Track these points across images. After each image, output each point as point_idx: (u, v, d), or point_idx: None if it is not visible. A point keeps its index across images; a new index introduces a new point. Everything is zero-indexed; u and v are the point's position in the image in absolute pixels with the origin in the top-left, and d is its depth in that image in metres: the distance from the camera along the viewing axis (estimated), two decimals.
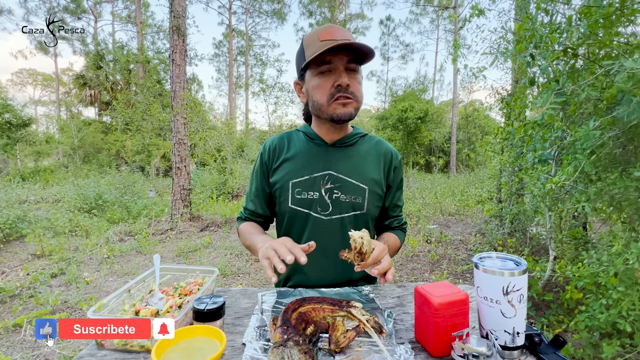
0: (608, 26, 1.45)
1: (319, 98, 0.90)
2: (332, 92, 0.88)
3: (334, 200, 0.96)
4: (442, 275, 3.62)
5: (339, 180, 0.96)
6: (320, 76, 0.89)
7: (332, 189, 0.96)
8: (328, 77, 0.88)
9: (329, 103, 0.89)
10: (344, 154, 0.99)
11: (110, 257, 4.35)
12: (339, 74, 0.87)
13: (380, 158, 1.02)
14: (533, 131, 2.00)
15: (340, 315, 0.67)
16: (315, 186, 0.96)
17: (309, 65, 0.90)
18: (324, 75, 0.89)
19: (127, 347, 0.64)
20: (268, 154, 1.03)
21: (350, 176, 0.96)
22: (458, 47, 2.63)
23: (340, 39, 0.85)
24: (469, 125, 18.37)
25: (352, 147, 1.00)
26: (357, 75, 0.91)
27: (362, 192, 0.96)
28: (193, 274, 0.90)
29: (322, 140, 1.00)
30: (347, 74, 0.88)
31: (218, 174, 9.21)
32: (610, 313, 1.59)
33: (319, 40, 0.86)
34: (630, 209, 1.77)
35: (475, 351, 0.54)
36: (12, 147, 13.28)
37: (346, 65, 0.88)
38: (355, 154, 1.00)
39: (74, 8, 18.71)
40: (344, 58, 0.87)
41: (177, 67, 5.97)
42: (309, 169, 0.97)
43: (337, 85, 0.87)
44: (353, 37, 0.91)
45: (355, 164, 0.98)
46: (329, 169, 0.96)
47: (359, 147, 1.01)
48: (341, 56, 0.86)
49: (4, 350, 2.28)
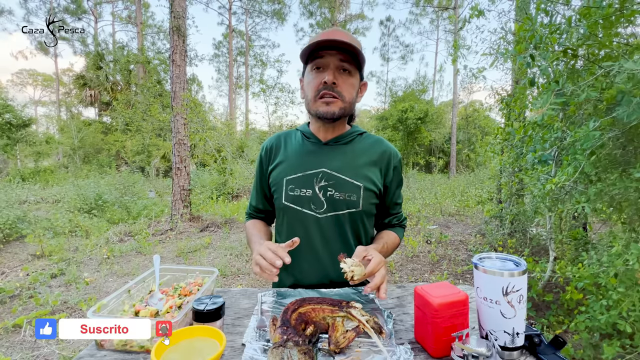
0: (608, 27, 1.45)
1: (309, 93, 0.93)
2: (319, 88, 0.89)
3: (328, 198, 0.96)
4: (442, 276, 3.62)
5: (333, 178, 0.96)
6: (313, 72, 0.91)
7: (327, 187, 0.96)
8: (320, 74, 0.90)
9: (315, 100, 0.91)
10: (338, 152, 0.99)
11: (110, 258, 4.34)
12: (329, 71, 0.88)
13: (378, 156, 1.02)
14: (533, 132, 2.00)
15: (340, 315, 0.67)
16: (309, 184, 0.96)
17: (308, 61, 0.93)
18: (316, 72, 0.90)
19: (126, 347, 0.64)
20: (266, 153, 1.07)
21: (344, 174, 0.96)
22: (458, 48, 2.63)
23: (337, 38, 0.86)
24: (469, 126, 18.38)
25: (347, 145, 1.01)
26: (350, 78, 0.91)
27: (357, 190, 0.96)
28: (193, 274, 0.90)
29: (317, 139, 1.01)
30: (338, 73, 0.89)
31: (218, 175, 9.22)
32: (610, 314, 1.59)
33: (319, 38, 0.88)
34: (630, 210, 1.77)
35: (474, 352, 0.54)
36: (12, 148, 13.28)
37: (339, 64, 0.88)
38: (350, 151, 1.00)
39: (74, 9, 18.74)
40: (337, 56, 0.88)
41: (177, 67, 5.98)
42: (303, 166, 0.98)
43: (324, 82, 0.88)
44: (356, 42, 0.91)
45: (350, 162, 0.98)
46: (323, 166, 0.97)
47: (355, 145, 1.01)
48: (335, 55, 0.87)
49: (4, 350, 2.27)
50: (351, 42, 0.86)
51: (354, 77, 0.92)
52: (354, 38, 0.95)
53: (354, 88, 0.93)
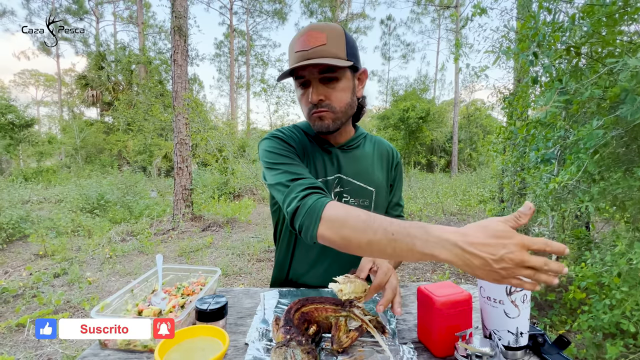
0: (611, 25, 1.44)
1: (303, 110, 0.89)
2: (309, 106, 0.86)
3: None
4: (444, 275, 3.62)
5: (348, 184, 0.95)
6: (299, 89, 0.87)
7: (342, 193, 0.95)
8: (305, 90, 0.85)
9: (310, 116, 0.88)
10: (351, 157, 0.97)
11: (112, 257, 4.36)
12: (311, 89, 0.82)
13: (382, 158, 1.01)
14: (536, 130, 1.99)
15: (342, 315, 0.67)
16: (327, 190, 0.93)
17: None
18: (302, 89, 0.86)
19: (130, 347, 0.65)
20: (295, 145, 0.92)
21: (358, 179, 0.95)
22: (460, 46, 2.62)
23: (310, 48, 0.79)
24: (471, 125, 18.34)
25: (358, 150, 0.99)
26: (337, 83, 0.83)
27: (370, 195, 0.96)
28: (195, 274, 0.91)
29: (329, 142, 0.97)
30: (321, 85, 0.83)
31: (219, 174, 9.23)
32: (613, 313, 1.58)
33: (294, 51, 0.82)
34: (634, 209, 1.76)
35: (478, 351, 0.54)
36: (15, 148, 13.35)
37: (319, 77, 0.82)
38: (361, 156, 0.98)
39: (76, 9, 18.78)
40: (314, 70, 0.81)
41: (179, 67, 5.98)
42: (323, 172, 0.94)
43: (310, 102, 0.84)
44: (332, 37, 0.80)
45: (362, 167, 0.97)
46: (339, 172, 0.95)
47: (364, 149, 1.00)
48: (311, 69, 0.80)
49: (7, 349, 2.29)
50: (323, 58, 0.78)
51: (341, 80, 0.84)
52: (331, 33, 0.81)
53: (346, 91, 0.86)
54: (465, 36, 17.80)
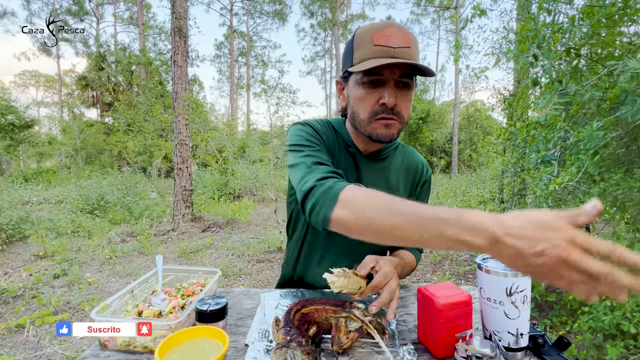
0: (611, 26, 1.45)
1: (360, 112, 0.79)
2: (375, 109, 0.76)
3: None
4: (444, 276, 3.61)
5: None
6: (365, 87, 0.76)
7: None
8: (374, 90, 0.75)
9: (370, 121, 0.78)
10: (375, 169, 0.92)
11: (112, 258, 4.36)
12: (388, 90, 0.74)
13: (409, 172, 0.97)
14: (536, 132, 2.00)
15: (342, 316, 0.67)
16: None
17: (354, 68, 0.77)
18: (370, 88, 0.75)
19: (130, 347, 0.64)
20: (326, 139, 0.88)
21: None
22: (459, 48, 2.62)
23: (397, 46, 0.71)
24: (471, 126, 18.35)
25: (384, 161, 0.94)
26: (409, 92, 0.77)
27: None
28: (195, 274, 0.91)
29: (357, 149, 0.90)
30: (396, 90, 0.75)
31: (220, 175, 9.24)
32: (614, 314, 1.58)
33: (372, 43, 0.72)
34: (634, 210, 1.76)
35: (478, 352, 0.54)
36: (15, 148, 13.36)
37: (397, 79, 0.74)
38: (387, 168, 0.94)
39: (76, 10, 18.82)
40: (396, 71, 0.73)
41: (179, 68, 5.99)
42: (343, 175, 0.87)
43: (382, 102, 0.75)
44: (414, 42, 0.74)
45: (385, 181, 0.93)
46: (359, 181, 0.91)
47: (391, 161, 0.95)
48: (394, 69, 0.73)
49: (7, 350, 2.28)
50: (415, 58, 0.71)
51: (412, 89, 0.78)
52: (412, 38, 0.74)
53: (411, 102, 0.80)
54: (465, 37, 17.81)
